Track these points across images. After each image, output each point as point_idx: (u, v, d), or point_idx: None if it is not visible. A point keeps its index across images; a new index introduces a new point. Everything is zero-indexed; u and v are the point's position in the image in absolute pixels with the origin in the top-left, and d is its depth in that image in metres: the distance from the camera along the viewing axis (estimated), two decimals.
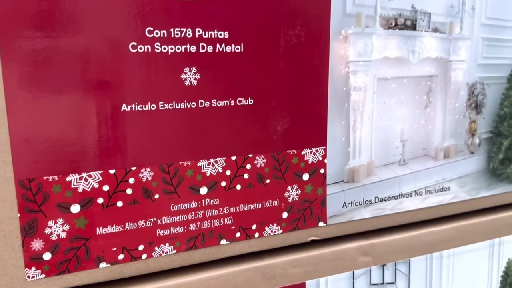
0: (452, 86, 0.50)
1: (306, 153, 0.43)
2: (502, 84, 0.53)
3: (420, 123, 0.49)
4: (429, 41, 0.47)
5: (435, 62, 0.48)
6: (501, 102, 0.53)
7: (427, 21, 0.46)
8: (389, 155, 0.48)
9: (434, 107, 0.49)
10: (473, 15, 0.49)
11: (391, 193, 0.48)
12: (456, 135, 0.51)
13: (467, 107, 0.51)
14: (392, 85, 0.46)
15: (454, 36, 0.48)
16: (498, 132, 0.54)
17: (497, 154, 0.54)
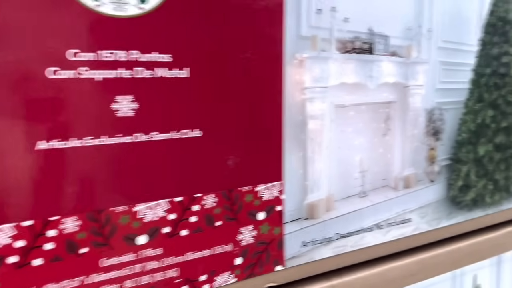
0: (411, 112, 0.47)
1: (261, 189, 0.38)
2: (459, 109, 0.51)
3: (379, 152, 0.46)
4: (386, 65, 0.44)
5: (393, 88, 0.45)
6: (459, 128, 0.52)
7: (384, 44, 0.44)
8: (349, 187, 0.44)
9: (393, 135, 0.46)
10: (430, 38, 0.47)
11: (352, 228, 0.44)
12: (416, 163, 0.49)
13: (426, 134, 0.49)
14: (350, 113, 0.43)
15: (412, 60, 0.46)
16: (457, 159, 0.52)
17: (456, 182, 0.52)
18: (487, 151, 0.54)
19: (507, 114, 0.55)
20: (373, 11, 0.42)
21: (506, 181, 0.57)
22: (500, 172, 0.56)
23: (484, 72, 0.52)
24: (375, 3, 0.42)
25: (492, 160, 0.55)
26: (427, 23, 0.46)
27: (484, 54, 0.52)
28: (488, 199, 0.55)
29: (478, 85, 0.52)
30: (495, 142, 0.55)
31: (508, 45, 0.54)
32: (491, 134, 0.54)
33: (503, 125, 0.55)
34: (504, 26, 0.53)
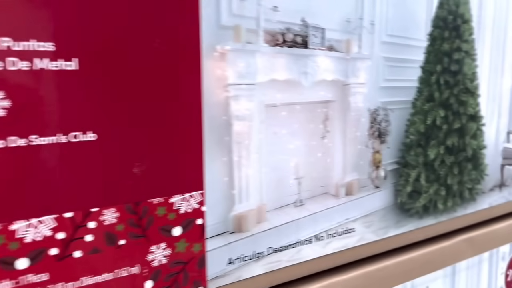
0: (352, 113, 0.43)
1: (177, 200, 0.33)
2: (406, 109, 0.48)
3: (317, 156, 0.41)
4: (323, 61, 0.40)
5: (331, 86, 0.41)
6: (407, 129, 0.48)
7: (320, 37, 0.39)
8: (283, 196, 0.40)
9: (333, 137, 0.42)
10: (373, 32, 0.43)
11: (287, 241, 0.40)
12: (359, 168, 0.45)
13: (370, 136, 0.45)
14: (282, 113, 0.39)
15: (352, 56, 0.42)
16: (405, 163, 0.49)
17: (405, 187, 0.49)
18: (438, 154, 0.51)
19: (460, 114, 0.52)
20: (307, 0, 0.38)
21: (459, 186, 0.54)
22: (453, 177, 0.53)
23: (434, 70, 0.49)
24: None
25: (444, 163, 0.52)
26: (369, 15, 0.42)
27: (433, 50, 0.48)
28: (441, 206, 0.52)
29: (428, 83, 0.49)
30: (447, 144, 0.51)
31: (460, 41, 0.50)
32: (443, 136, 0.51)
33: (455, 126, 0.52)
34: (455, 20, 0.50)
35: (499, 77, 0.56)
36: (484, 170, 0.56)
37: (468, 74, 0.52)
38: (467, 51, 0.51)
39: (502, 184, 0.59)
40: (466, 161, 0.54)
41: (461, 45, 0.50)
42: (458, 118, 0.52)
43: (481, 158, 0.56)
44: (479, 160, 0.55)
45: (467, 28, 0.51)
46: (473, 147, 0.54)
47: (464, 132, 0.53)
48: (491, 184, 0.58)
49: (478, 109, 0.54)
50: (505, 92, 0.57)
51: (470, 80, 0.52)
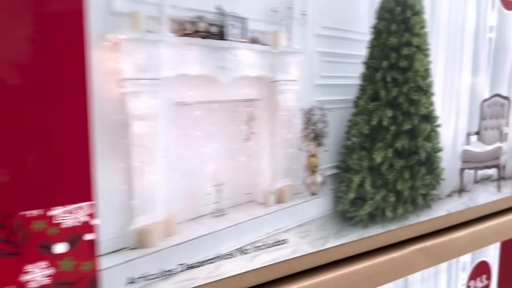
0: (282, 113, 0.39)
1: (59, 213, 0.29)
2: (347, 109, 0.44)
3: (241, 160, 0.37)
4: (246, 54, 0.36)
5: (256, 82, 0.37)
6: (348, 131, 0.44)
7: (241, 28, 0.35)
8: (199, 206, 0.36)
9: (259, 140, 0.38)
10: (305, 23, 0.39)
11: (204, 256, 0.36)
12: (292, 173, 0.40)
13: (304, 138, 0.41)
14: (195, 112, 0.34)
15: (280, 50, 0.38)
16: (347, 167, 0.45)
17: (347, 194, 0.45)
18: (385, 158, 0.47)
19: (410, 114, 0.48)
20: None
21: (412, 192, 0.50)
22: (404, 182, 0.49)
23: (380, 66, 0.45)
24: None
25: (392, 168, 0.48)
26: (301, 5, 0.38)
27: (378, 44, 0.44)
28: (390, 213, 0.48)
29: (372, 80, 0.45)
30: (396, 147, 0.47)
31: (410, 34, 0.46)
32: (391, 138, 0.47)
33: (406, 128, 0.48)
34: (404, 11, 0.45)
35: (456, 74, 0.52)
36: (440, 175, 0.52)
37: (420, 71, 0.48)
38: (418, 45, 0.47)
39: (462, 189, 0.56)
40: (419, 165, 0.50)
41: (412, 39, 0.46)
42: (409, 118, 0.48)
43: (437, 162, 0.52)
44: (434, 164, 0.52)
45: (418, 20, 0.47)
46: (427, 149, 0.50)
47: (416, 133, 0.49)
48: (449, 189, 0.54)
49: (432, 108, 0.50)
50: (463, 91, 0.53)
51: (423, 78, 0.48)
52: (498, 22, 0.55)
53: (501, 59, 0.57)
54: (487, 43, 0.55)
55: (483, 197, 0.58)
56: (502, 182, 0.60)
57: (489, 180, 0.59)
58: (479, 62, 0.54)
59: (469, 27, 0.52)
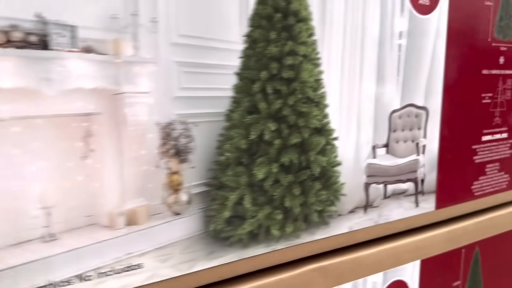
0: (131, 128, 0.36)
1: None
2: (217, 122, 0.41)
3: (77, 180, 0.34)
4: (77, 65, 0.33)
5: (94, 95, 0.34)
6: (220, 146, 0.41)
7: (70, 37, 0.32)
8: (22, 230, 0.33)
9: (101, 158, 0.35)
10: (156, 31, 0.36)
11: (32, 284, 0.33)
12: (147, 192, 0.38)
13: (163, 155, 0.38)
14: (13, 129, 0.31)
15: (124, 59, 0.35)
16: (220, 184, 0.42)
17: (221, 212, 0.42)
18: (269, 173, 0.44)
19: (299, 127, 0.45)
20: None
21: (304, 209, 0.47)
22: (293, 198, 0.46)
23: (257, 77, 0.42)
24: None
25: (279, 183, 0.45)
26: (150, 11, 0.35)
27: (254, 54, 0.41)
28: (276, 232, 0.45)
29: (248, 92, 0.42)
30: (282, 162, 0.44)
31: (295, 43, 0.43)
32: (275, 152, 0.44)
33: (293, 141, 0.45)
34: (285, 18, 0.42)
35: (356, 84, 0.49)
36: (339, 190, 0.49)
37: (309, 82, 0.45)
38: (305, 55, 0.44)
39: (368, 205, 0.53)
40: (312, 180, 0.47)
41: (297, 48, 0.43)
42: (297, 131, 0.45)
43: (335, 177, 0.49)
44: (331, 179, 0.49)
45: (304, 28, 0.44)
46: (322, 164, 0.47)
47: (307, 147, 0.46)
48: (351, 205, 0.51)
49: (327, 121, 0.47)
50: (366, 101, 0.50)
51: (313, 89, 0.45)
52: (410, 28, 0.52)
53: (415, 66, 0.54)
54: (395, 50, 0.51)
55: (396, 213, 0.55)
56: (420, 197, 0.57)
57: (404, 195, 0.56)
58: (385, 70, 0.51)
59: (371, 34, 0.49)
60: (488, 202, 0.67)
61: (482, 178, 0.65)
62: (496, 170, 0.67)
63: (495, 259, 0.69)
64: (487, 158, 0.65)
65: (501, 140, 0.67)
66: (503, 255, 0.70)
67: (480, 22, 0.61)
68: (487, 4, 0.61)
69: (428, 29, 0.54)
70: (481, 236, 0.66)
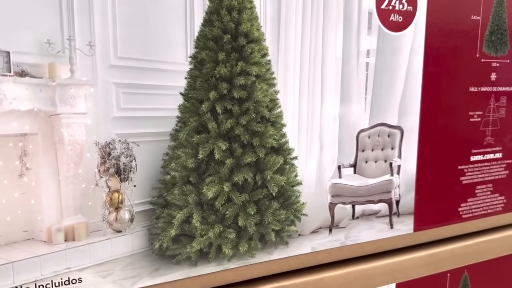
0: (68, 147, 0.37)
1: None
2: (160, 142, 0.41)
3: (14, 196, 0.36)
4: (12, 88, 0.35)
5: (29, 116, 0.36)
6: (165, 165, 0.42)
7: (3, 62, 0.34)
8: None
9: (37, 175, 0.37)
10: (93, 54, 0.37)
11: None
12: (86, 210, 0.39)
13: (103, 173, 0.39)
14: None
15: (60, 82, 0.36)
16: (165, 203, 0.42)
17: (167, 230, 0.42)
18: (221, 192, 0.44)
19: (253, 147, 0.45)
20: None
21: (260, 228, 0.47)
22: (248, 217, 0.46)
23: (206, 97, 0.42)
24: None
25: (231, 202, 0.45)
26: (86, 35, 0.37)
27: (201, 74, 0.42)
28: (228, 251, 0.45)
29: (195, 112, 0.42)
30: (234, 181, 0.45)
31: (246, 63, 0.43)
32: (227, 171, 0.44)
33: (247, 160, 0.45)
34: (235, 39, 0.43)
35: (317, 103, 0.48)
36: (300, 210, 0.49)
37: (263, 101, 0.45)
38: (259, 75, 0.44)
39: (334, 225, 0.52)
40: (268, 200, 0.47)
41: (249, 68, 0.44)
42: (252, 151, 0.45)
43: (294, 196, 0.48)
44: (290, 198, 0.48)
45: (256, 48, 0.44)
46: (280, 183, 0.47)
47: (263, 166, 0.46)
48: (314, 225, 0.51)
49: (285, 140, 0.47)
50: (328, 121, 0.49)
51: (268, 108, 0.45)
52: (379, 45, 0.51)
53: (386, 85, 0.52)
54: (362, 68, 0.50)
55: (366, 234, 0.54)
56: (395, 219, 0.56)
57: (376, 216, 0.55)
58: (350, 89, 0.50)
59: (333, 52, 0.48)
60: (479, 225, 0.64)
61: (471, 200, 0.62)
62: (489, 192, 0.64)
63: (487, 285, 0.65)
64: (478, 179, 0.62)
65: (495, 160, 0.64)
66: (497, 281, 0.66)
67: (466, 37, 0.58)
68: (474, 19, 0.58)
69: (401, 47, 0.53)
70: (470, 260, 0.63)
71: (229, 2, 0.41)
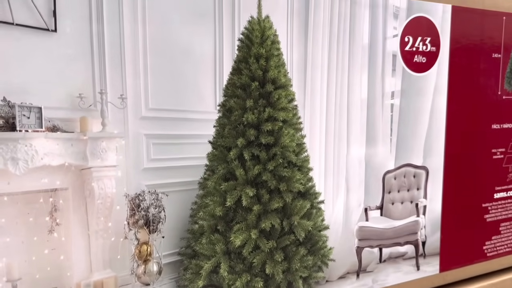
0: (98, 201, 0.37)
1: None
2: (189, 191, 0.41)
3: (44, 253, 0.35)
4: (44, 144, 0.34)
5: (60, 172, 0.35)
6: (194, 214, 0.41)
7: (35, 117, 0.34)
8: None
9: (67, 231, 0.36)
10: (124, 106, 0.37)
11: None
12: (115, 263, 0.38)
13: (132, 225, 0.38)
14: None
15: (91, 135, 0.36)
16: (193, 253, 0.41)
17: (195, 282, 0.41)
18: (248, 239, 0.43)
19: (280, 192, 0.44)
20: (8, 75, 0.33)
21: (288, 275, 0.45)
22: (275, 265, 0.45)
23: (234, 144, 0.42)
24: (14, 63, 0.33)
25: (259, 250, 0.44)
26: (118, 88, 0.37)
27: (229, 122, 0.42)
28: None
29: (224, 160, 0.42)
30: (262, 227, 0.44)
31: (273, 109, 0.43)
32: (254, 218, 0.43)
33: (275, 206, 0.44)
34: (262, 86, 0.43)
35: (343, 147, 0.48)
36: (328, 255, 0.48)
37: (290, 146, 0.44)
38: (285, 120, 0.44)
39: (361, 270, 0.50)
40: (296, 246, 0.46)
41: (276, 114, 0.43)
42: (279, 196, 0.44)
43: (322, 241, 0.47)
44: (317, 244, 0.47)
45: (283, 94, 0.43)
46: (307, 228, 0.46)
47: (290, 211, 0.45)
48: (342, 270, 0.49)
49: (311, 184, 0.46)
50: (354, 164, 0.49)
51: (295, 153, 0.45)
52: (404, 86, 0.51)
53: (411, 126, 0.52)
54: (387, 110, 0.50)
55: (394, 277, 0.53)
56: (422, 260, 0.55)
57: (403, 258, 0.54)
58: (376, 131, 0.49)
59: (358, 95, 0.48)
60: (504, 263, 0.63)
61: (496, 238, 0.61)
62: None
63: None
64: (501, 216, 0.61)
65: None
66: None
67: (488, 75, 0.58)
68: (495, 57, 0.58)
69: (425, 87, 0.52)
70: None
71: (257, 50, 0.41)
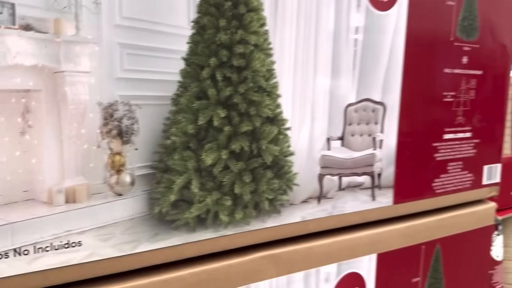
0: (71, 106, 0.37)
1: None
2: (162, 106, 0.41)
3: (15, 155, 0.35)
4: (15, 42, 0.34)
5: (33, 72, 0.35)
6: (166, 129, 0.42)
7: (8, 14, 0.33)
8: None
9: (39, 134, 0.36)
10: (99, 12, 0.37)
11: None
12: (88, 171, 0.38)
13: (104, 135, 0.38)
14: None
15: (65, 38, 0.35)
16: (165, 167, 0.42)
17: (166, 196, 0.42)
18: (218, 159, 0.45)
19: (250, 115, 0.46)
20: None
21: (254, 196, 0.47)
22: (244, 185, 0.46)
23: (206, 63, 0.43)
24: None
25: (228, 170, 0.45)
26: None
27: (203, 40, 0.42)
28: (225, 218, 0.46)
29: (197, 78, 0.43)
30: (232, 149, 0.45)
31: (245, 32, 0.44)
32: (225, 139, 0.45)
33: (244, 129, 0.45)
34: (235, 7, 0.43)
35: (310, 76, 0.50)
36: (292, 180, 0.50)
37: (260, 71, 0.46)
38: (257, 44, 0.45)
39: (322, 196, 0.53)
40: (263, 169, 0.48)
41: (248, 37, 0.44)
42: (249, 119, 0.46)
43: (287, 166, 0.50)
44: (283, 168, 0.49)
45: (255, 17, 0.45)
46: (274, 153, 0.48)
47: (259, 136, 0.47)
48: (304, 195, 0.52)
49: (279, 111, 0.48)
50: (320, 94, 0.51)
51: (265, 78, 0.46)
52: (367, 23, 0.53)
53: (372, 62, 0.55)
54: (351, 44, 0.52)
55: (352, 205, 0.56)
56: (377, 191, 0.58)
57: (360, 188, 0.57)
58: (340, 64, 0.52)
59: (325, 27, 0.50)
60: (450, 200, 0.68)
61: (444, 176, 0.66)
62: (459, 169, 0.68)
63: (458, 257, 0.69)
64: (449, 156, 0.66)
65: (465, 139, 0.68)
66: (466, 253, 0.71)
67: (442, 21, 0.62)
68: (449, 4, 0.62)
69: (386, 26, 0.55)
70: (442, 233, 0.67)
71: None
